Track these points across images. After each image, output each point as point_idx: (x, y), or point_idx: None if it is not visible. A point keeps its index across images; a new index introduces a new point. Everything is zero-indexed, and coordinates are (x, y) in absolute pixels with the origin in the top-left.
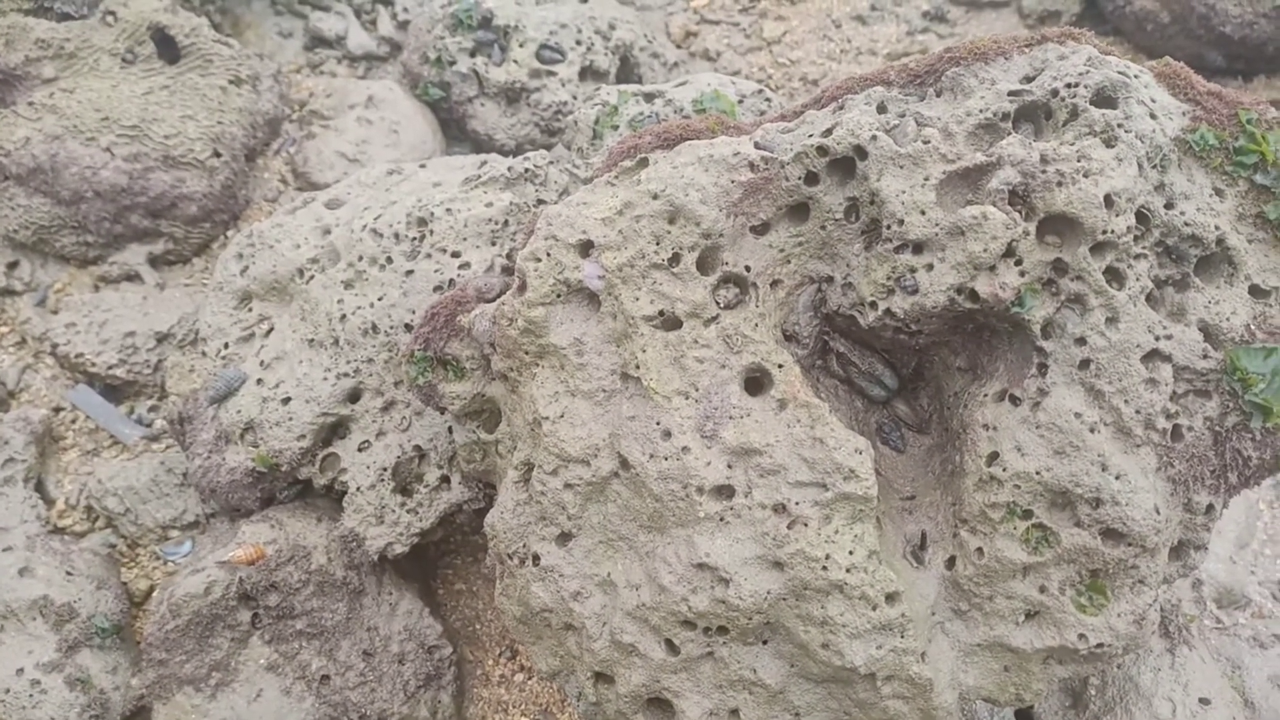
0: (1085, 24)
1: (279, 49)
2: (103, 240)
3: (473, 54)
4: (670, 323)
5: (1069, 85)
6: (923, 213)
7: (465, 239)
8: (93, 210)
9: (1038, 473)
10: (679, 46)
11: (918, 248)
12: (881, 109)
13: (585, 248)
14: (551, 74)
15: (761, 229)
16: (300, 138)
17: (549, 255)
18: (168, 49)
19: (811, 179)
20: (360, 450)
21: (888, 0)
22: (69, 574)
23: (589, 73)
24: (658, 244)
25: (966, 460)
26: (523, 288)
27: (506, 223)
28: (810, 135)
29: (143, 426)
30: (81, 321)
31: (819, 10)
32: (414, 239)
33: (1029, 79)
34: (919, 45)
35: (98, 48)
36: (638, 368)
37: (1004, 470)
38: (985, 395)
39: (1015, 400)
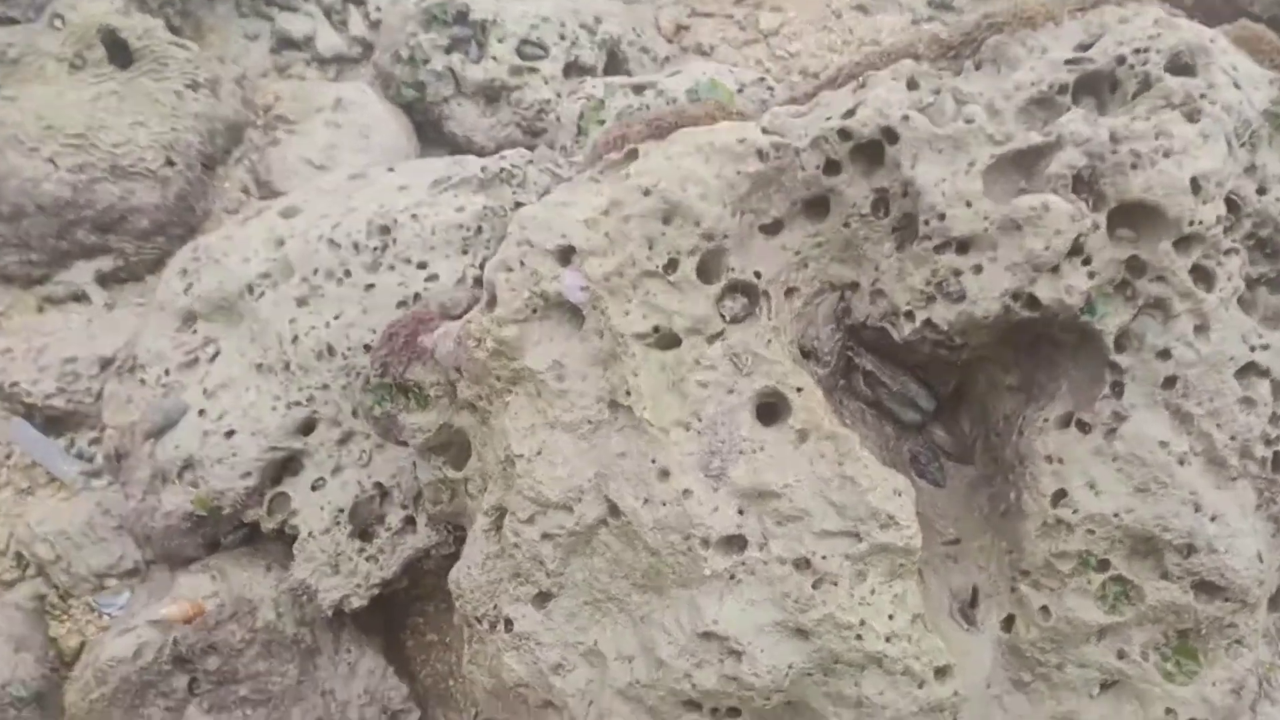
0: None
1: (244, 52)
2: (47, 258)
3: (448, 51)
4: (667, 340)
5: (1138, 51)
6: (968, 204)
7: (433, 248)
8: (35, 226)
9: (1116, 515)
10: (670, 41)
11: (963, 246)
12: (912, 85)
13: (565, 254)
14: (534, 71)
15: (773, 228)
16: (264, 144)
17: (523, 264)
18: (120, 53)
19: (832, 168)
20: (314, 489)
21: None
22: None
23: (574, 69)
24: (650, 248)
25: (1026, 500)
26: (492, 302)
27: (480, 229)
28: (828, 118)
29: (83, 461)
30: (19, 348)
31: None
32: (375, 249)
33: (1085, 46)
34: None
35: (44, 53)
36: (629, 394)
37: (1074, 512)
38: (1046, 420)
39: (1085, 427)
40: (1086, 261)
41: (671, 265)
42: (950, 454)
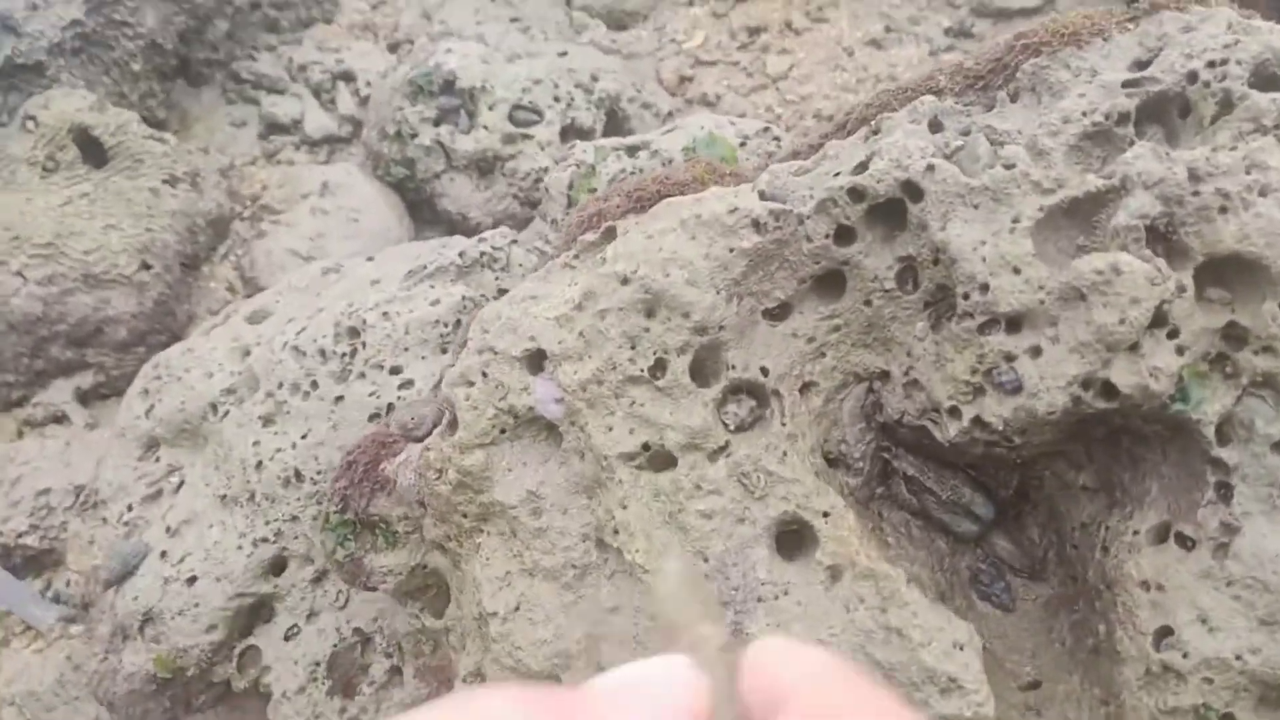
0: None
1: (232, 140)
2: (24, 379)
3: (436, 123)
4: (660, 460)
5: (1213, 64)
6: (1016, 271)
7: (406, 349)
8: (7, 346)
9: (1238, 658)
10: (673, 94)
11: (1014, 324)
12: (935, 126)
13: (535, 360)
14: (528, 137)
15: (780, 313)
16: (251, 237)
17: (485, 375)
18: (94, 152)
19: (844, 235)
20: (287, 639)
21: (904, 20)
22: None
23: (572, 132)
24: (633, 348)
25: (1121, 638)
26: (453, 424)
27: (459, 323)
28: (837, 174)
29: (60, 605)
30: None
31: (828, 38)
32: (344, 355)
33: (1144, 64)
34: None
35: (14, 158)
36: (616, 532)
37: (1184, 656)
38: (1136, 534)
39: (1187, 542)
40: (1173, 335)
41: (659, 367)
42: (1018, 569)
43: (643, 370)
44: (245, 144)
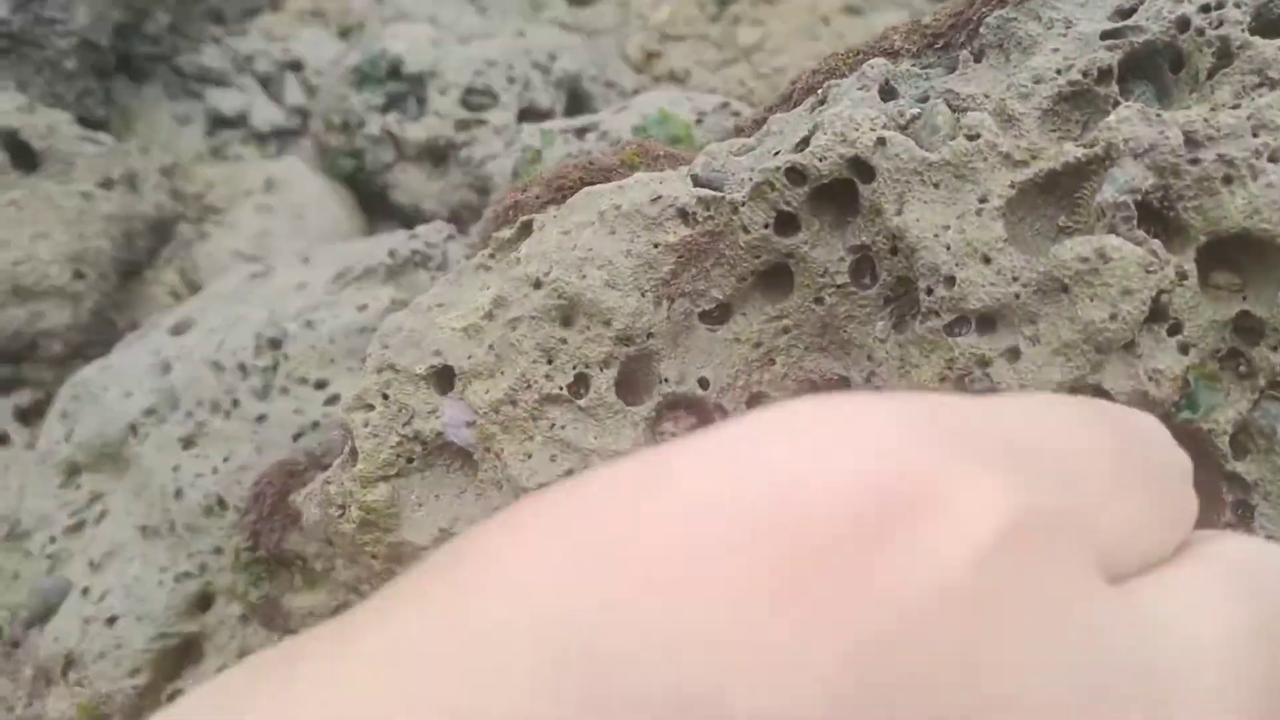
0: None
1: (177, 137)
2: None
3: (384, 111)
4: None
5: (1206, 8)
6: (986, 260)
7: (332, 361)
8: None
9: None
10: (640, 71)
11: (986, 322)
12: (888, 93)
13: (443, 378)
14: (482, 123)
15: (719, 315)
16: (194, 239)
17: (386, 398)
18: (25, 157)
19: (786, 224)
20: None
21: None
22: None
23: (530, 115)
24: (550, 362)
25: None
26: (354, 454)
27: None
28: (776, 152)
29: None
30: None
31: (801, 6)
32: (265, 369)
33: (1126, 11)
34: None
35: None
36: None
37: None
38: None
39: None
40: (1175, 330)
41: (580, 384)
42: None
43: (561, 388)
44: (191, 140)
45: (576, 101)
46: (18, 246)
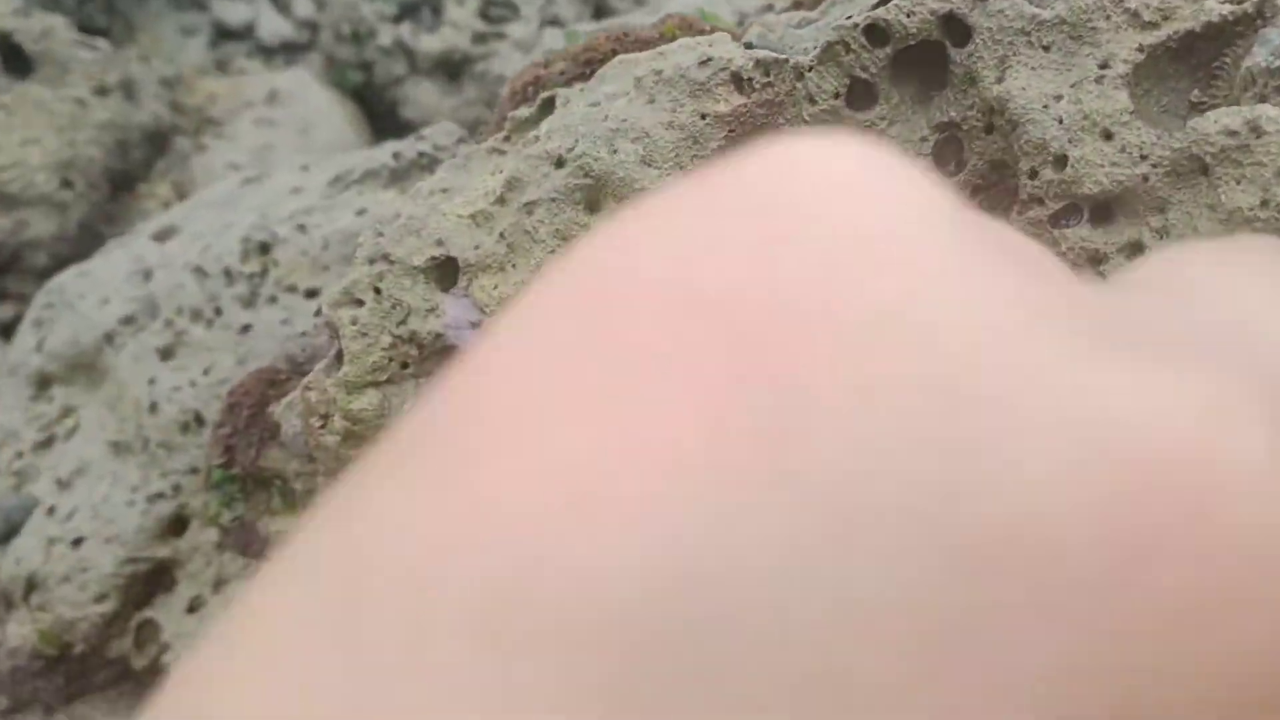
0: None
1: (181, 49)
2: None
3: (397, 21)
4: None
5: None
6: (1107, 136)
7: (326, 267)
8: None
9: None
10: None
11: (1103, 211)
12: None
13: (445, 271)
14: (500, 36)
15: None
16: (191, 152)
17: (378, 292)
18: (18, 61)
19: (861, 95)
20: (190, 611)
21: None
22: None
23: (552, 28)
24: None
25: None
26: (339, 357)
27: None
28: (848, 16)
29: None
30: None
31: None
32: (252, 275)
33: None
34: None
35: None
36: None
37: None
38: None
39: None
40: None
41: None
42: None
43: None
44: (194, 52)
45: (603, 13)
46: (5, 152)
